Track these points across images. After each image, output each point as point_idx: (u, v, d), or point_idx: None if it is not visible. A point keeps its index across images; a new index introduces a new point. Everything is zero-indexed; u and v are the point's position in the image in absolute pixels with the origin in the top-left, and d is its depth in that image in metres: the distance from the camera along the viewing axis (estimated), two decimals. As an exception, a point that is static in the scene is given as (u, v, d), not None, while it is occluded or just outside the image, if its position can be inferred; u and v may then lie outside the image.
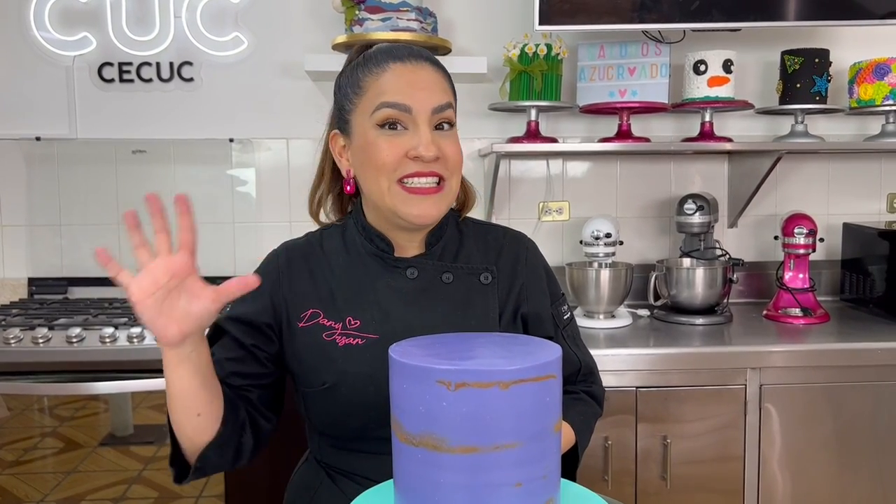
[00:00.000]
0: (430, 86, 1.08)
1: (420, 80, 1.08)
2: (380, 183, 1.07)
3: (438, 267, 1.15)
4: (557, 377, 0.78)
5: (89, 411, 1.90)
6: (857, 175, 2.49)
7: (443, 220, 1.17)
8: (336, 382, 1.09)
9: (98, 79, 2.35)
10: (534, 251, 1.23)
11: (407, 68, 1.09)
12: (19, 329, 1.87)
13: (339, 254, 1.17)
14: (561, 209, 2.44)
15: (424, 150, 1.04)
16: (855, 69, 2.25)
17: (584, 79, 2.29)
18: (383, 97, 1.07)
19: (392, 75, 1.08)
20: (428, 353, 0.79)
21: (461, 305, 1.13)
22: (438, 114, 1.08)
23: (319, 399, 1.11)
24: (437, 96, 1.08)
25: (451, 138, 1.10)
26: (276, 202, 2.40)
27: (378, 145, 1.06)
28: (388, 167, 1.06)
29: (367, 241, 1.15)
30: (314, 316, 1.12)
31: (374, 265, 1.15)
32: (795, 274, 2.21)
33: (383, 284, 1.13)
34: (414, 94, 1.06)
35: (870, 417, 1.88)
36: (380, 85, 1.08)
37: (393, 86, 1.07)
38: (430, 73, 1.10)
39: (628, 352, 1.85)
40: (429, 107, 1.07)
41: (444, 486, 0.75)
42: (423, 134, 1.05)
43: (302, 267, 1.16)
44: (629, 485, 1.86)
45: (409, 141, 1.06)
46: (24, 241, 2.38)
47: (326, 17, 2.30)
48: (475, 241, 1.20)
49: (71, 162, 2.36)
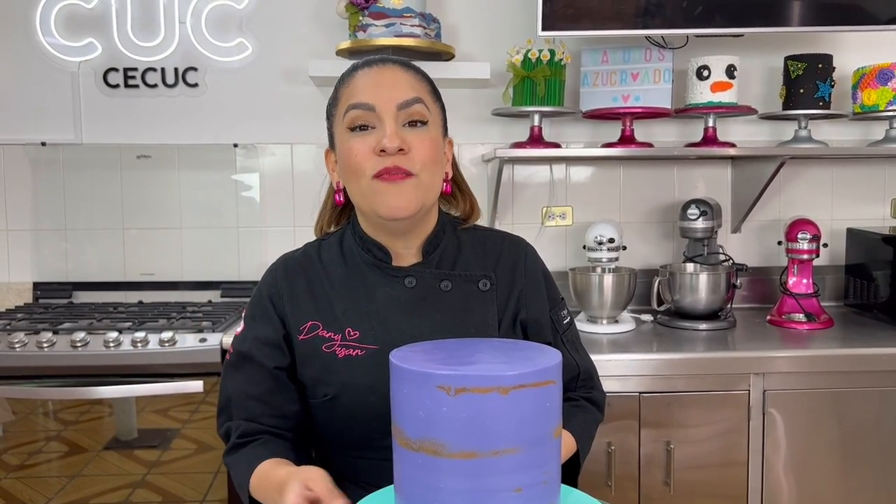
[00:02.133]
0: (394, 83, 1.09)
1: (384, 79, 1.10)
2: (359, 184, 1.09)
3: (436, 275, 1.15)
4: (557, 383, 0.79)
5: (93, 415, 1.90)
6: (860, 180, 2.49)
7: (439, 228, 1.18)
8: (337, 394, 1.10)
9: (103, 84, 2.36)
10: (532, 256, 1.23)
11: (373, 71, 1.11)
12: (24, 333, 1.88)
13: (337, 265, 1.17)
14: (564, 214, 2.44)
15: (388, 140, 1.05)
16: (858, 74, 2.24)
17: (588, 84, 2.29)
18: (350, 100, 1.09)
19: (359, 79, 1.11)
20: (428, 358, 0.79)
21: (460, 313, 1.14)
22: (405, 109, 1.08)
23: (322, 410, 1.13)
24: (402, 92, 1.08)
25: (422, 134, 1.09)
26: (281, 207, 2.41)
27: (350, 147, 1.08)
28: (361, 166, 1.07)
29: (364, 251, 1.16)
30: (313, 328, 1.13)
31: (371, 275, 1.15)
32: (799, 279, 2.20)
33: (382, 294, 1.13)
34: (377, 92, 1.08)
35: (874, 423, 1.88)
36: (349, 91, 1.11)
37: (359, 89, 1.10)
38: (397, 72, 1.11)
39: (631, 357, 1.85)
40: (392, 103, 1.07)
41: (444, 492, 0.75)
42: (387, 126, 1.06)
43: (300, 280, 1.16)
44: (632, 490, 1.85)
45: (375, 138, 1.07)
46: (30, 245, 2.39)
47: (330, 22, 2.31)
48: (473, 248, 1.20)
49: (76, 167, 2.37)
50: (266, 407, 1.12)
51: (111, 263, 2.39)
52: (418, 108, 1.09)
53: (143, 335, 1.85)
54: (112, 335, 1.86)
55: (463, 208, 1.25)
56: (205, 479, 1.91)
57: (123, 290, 2.36)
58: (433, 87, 1.16)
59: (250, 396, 1.13)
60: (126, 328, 1.92)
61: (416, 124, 1.09)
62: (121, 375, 1.84)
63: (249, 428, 1.11)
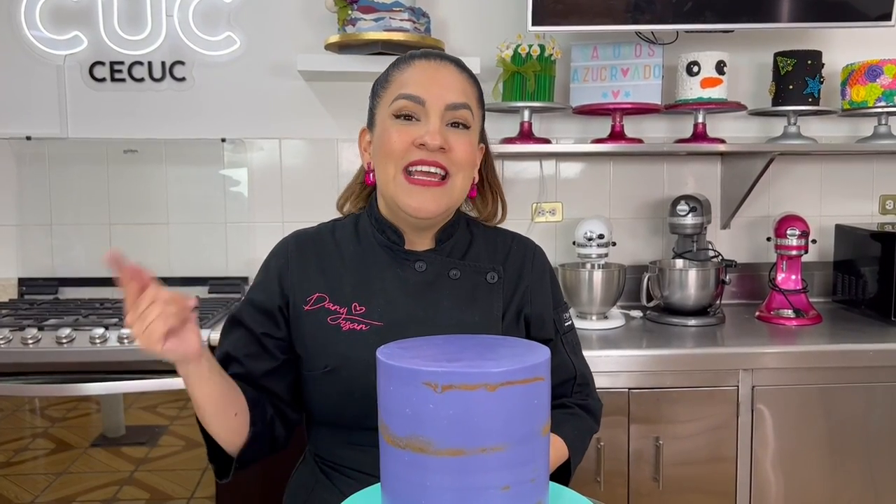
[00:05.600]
0: (448, 84, 1.12)
1: (440, 76, 1.12)
2: (388, 170, 1.11)
3: (447, 263, 1.18)
4: (546, 380, 0.78)
5: (81, 412, 1.89)
6: (849, 177, 2.50)
7: (454, 220, 1.21)
8: (337, 366, 1.11)
9: (89, 78, 2.33)
10: (541, 257, 1.26)
11: (430, 65, 1.14)
12: (9, 330, 1.86)
13: (351, 243, 1.20)
14: (554, 210, 2.44)
15: (430, 138, 1.08)
16: (847, 71, 2.25)
17: (578, 80, 2.29)
18: (402, 89, 1.11)
19: (415, 70, 1.13)
20: (415, 354, 0.79)
21: (466, 301, 1.16)
22: (452, 111, 1.11)
23: (320, 383, 1.13)
24: (454, 94, 1.11)
25: (464, 137, 1.12)
26: (269, 202, 2.39)
27: (390, 133, 1.11)
28: (395, 154, 1.10)
29: (378, 233, 1.18)
30: (320, 300, 1.14)
31: (383, 256, 1.17)
32: (788, 275, 2.21)
33: (391, 275, 1.16)
34: (430, 88, 1.11)
35: (862, 418, 1.89)
36: (403, 79, 1.13)
37: (413, 80, 1.12)
38: (453, 73, 1.14)
39: (621, 353, 1.85)
40: (443, 102, 1.10)
41: (431, 489, 0.74)
42: (431, 124, 1.09)
43: (311, 253, 1.19)
44: (622, 486, 1.85)
45: (418, 130, 1.10)
46: (15, 240, 2.37)
47: (319, 17, 2.30)
48: (484, 242, 1.23)
49: (62, 162, 2.35)
50: (241, 368, 1.14)
51: (98, 259, 2.35)
52: (464, 113, 1.12)
53: (129, 331, 1.83)
54: (98, 331, 1.84)
55: (487, 212, 1.28)
56: (193, 476, 1.90)
57: (110, 286, 2.34)
58: (481, 94, 1.19)
59: (233, 358, 1.15)
60: (113, 324, 1.91)
61: (459, 126, 1.12)
62: (108, 372, 1.83)
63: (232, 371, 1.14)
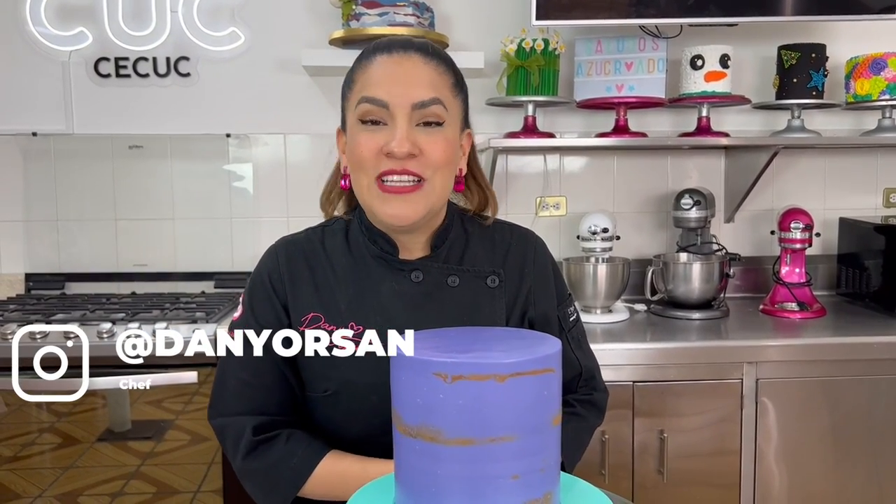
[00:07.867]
0: (413, 79, 1.02)
1: (403, 73, 1.03)
2: (361, 180, 1.04)
3: (444, 270, 1.11)
4: (557, 371, 0.79)
5: (87, 407, 1.90)
6: (853, 170, 2.49)
7: (448, 221, 1.14)
8: (338, 390, 1.07)
9: (94, 74, 2.34)
10: (542, 250, 1.20)
11: (392, 60, 1.04)
12: (16, 324, 1.87)
13: (342, 254, 1.12)
14: (558, 204, 2.44)
15: (396, 145, 1.00)
16: (851, 64, 2.25)
17: (582, 74, 2.29)
18: (364, 91, 1.03)
19: (376, 68, 1.04)
20: (427, 346, 0.79)
21: (467, 310, 1.10)
22: (421, 110, 1.02)
23: (322, 405, 1.10)
24: (421, 91, 1.02)
25: (437, 136, 1.03)
26: (274, 197, 2.39)
27: (358, 141, 1.03)
28: (366, 163, 1.02)
29: (370, 243, 1.11)
30: (315, 320, 1.08)
31: (377, 268, 1.11)
32: (792, 268, 2.21)
33: (387, 289, 1.09)
34: (393, 88, 1.01)
35: (866, 411, 1.89)
36: (365, 79, 1.04)
37: (375, 79, 1.03)
38: (418, 64, 1.04)
39: (625, 346, 1.86)
40: (407, 102, 1.01)
41: (442, 478, 0.75)
42: (398, 129, 1.01)
43: (302, 266, 1.11)
44: (626, 479, 1.86)
45: (385, 137, 1.01)
46: (22, 236, 2.37)
47: (323, 12, 2.30)
48: (481, 241, 1.16)
49: (67, 157, 2.35)
50: (271, 396, 1.08)
51: (104, 254, 2.37)
52: (435, 110, 1.03)
53: (135, 326, 1.84)
54: (105, 326, 1.85)
55: (476, 202, 1.19)
56: (199, 469, 1.90)
57: (116, 281, 2.35)
58: (456, 77, 1.09)
59: (253, 386, 1.08)
60: (119, 319, 1.91)
61: (431, 125, 1.03)
62: (114, 367, 1.83)
63: (264, 422, 1.07)
